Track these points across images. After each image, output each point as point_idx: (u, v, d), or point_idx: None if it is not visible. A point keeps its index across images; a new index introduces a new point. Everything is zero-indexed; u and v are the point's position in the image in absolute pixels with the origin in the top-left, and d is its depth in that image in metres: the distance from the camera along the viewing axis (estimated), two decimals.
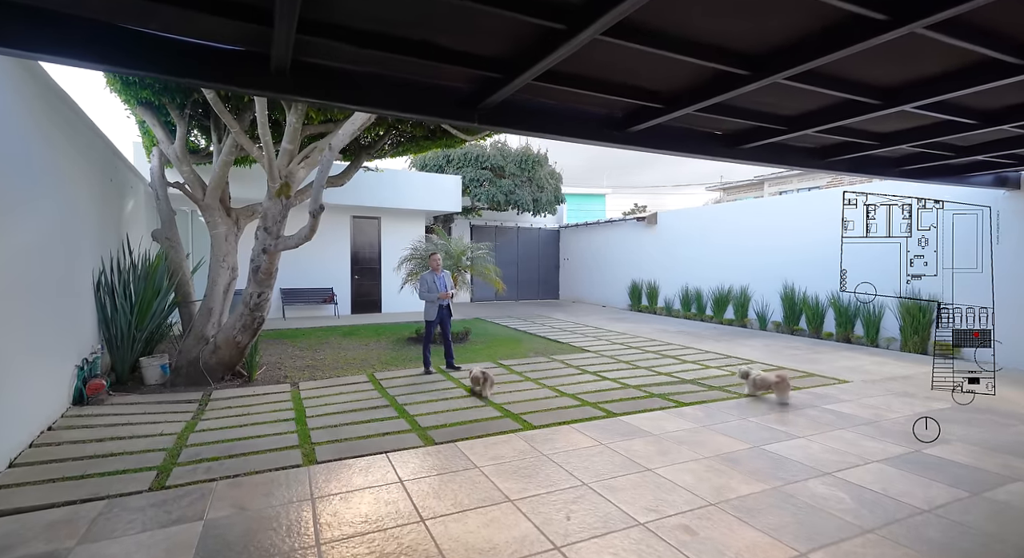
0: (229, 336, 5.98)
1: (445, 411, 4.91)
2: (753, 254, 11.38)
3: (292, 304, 12.15)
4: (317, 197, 4.37)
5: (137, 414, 4.78)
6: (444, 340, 6.96)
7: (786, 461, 3.57)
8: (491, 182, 14.31)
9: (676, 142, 4.63)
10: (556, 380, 6.21)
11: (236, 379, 6.30)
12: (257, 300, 5.85)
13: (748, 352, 8.22)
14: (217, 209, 6.74)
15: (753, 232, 11.48)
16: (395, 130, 8.65)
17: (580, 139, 4.23)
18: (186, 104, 6.12)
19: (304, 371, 6.75)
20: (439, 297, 6.58)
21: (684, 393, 5.61)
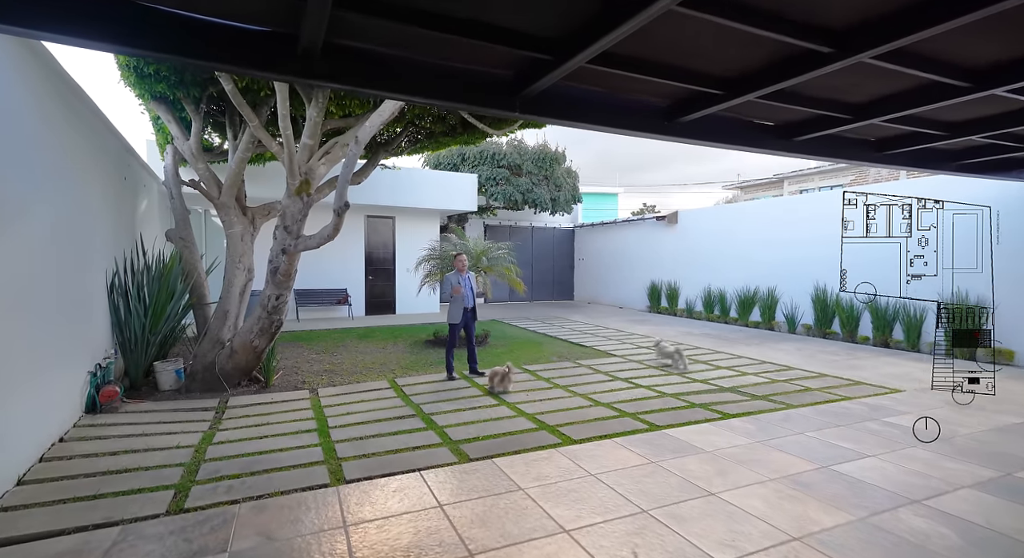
0: (246, 340, 5.72)
1: (475, 422, 4.61)
2: (781, 254, 10.97)
3: (306, 305, 11.93)
4: (342, 193, 4.09)
5: (152, 423, 4.53)
6: (468, 344, 6.66)
7: (864, 486, 3.22)
8: (507, 181, 13.99)
9: (726, 134, 4.30)
10: (587, 387, 5.89)
11: (253, 384, 6.05)
12: (275, 303, 5.59)
13: (782, 356, 7.84)
14: (233, 208, 6.50)
15: (781, 231, 11.06)
16: (413, 126, 8.37)
17: (626, 130, 3.91)
18: (202, 98, 5.87)
19: (322, 376, 6.49)
20: (453, 291, 6.30)
21: (727, 403, 5.26)
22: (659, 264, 14.47)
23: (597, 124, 3.78)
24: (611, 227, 16.86)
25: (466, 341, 6.69)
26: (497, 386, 5.58)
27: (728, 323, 11.90)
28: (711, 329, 10.99)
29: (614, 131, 3.88)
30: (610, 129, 3.85)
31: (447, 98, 3.28)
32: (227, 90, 4.71)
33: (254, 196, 8.42)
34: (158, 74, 5.02)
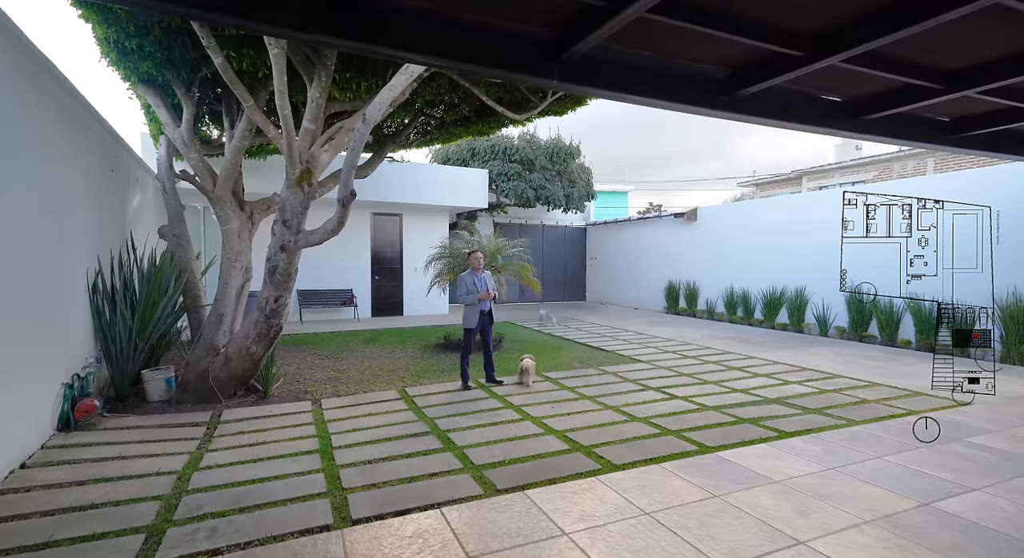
0: (242, 346, 5.20)
1: (498, 441, 4.06)
2: (811, 252, 10.33)
3: (310, 306, 11.42)
4: (348, 181, 3.55)
5: (133, 443, 4.00)
6: (484, 350, 6.11)
7: (986, 532, 2.63)
8: (519, 176, 13.38)
9: (788, 110, 3.72)
10: (617, 398, 5.32)
11: (250, 395, 5.52)
12: (274, 305, 5.06)
13: (822, 362, 7.24)
14: (229, 202, 5.98)
15: (811, 228, 10.43)
16: (423, 116, 7.84)
17: (677, 104, 3.34)
18: (193, 81, 5.36)
19: (326, 384, 5.96)
20: (479, 297, 5.75)
21: (777, 417, 4.68)
22: (677, 263, 13.86)
23: (645, 96, 3.21)
24: (625, 225, 16.26)
25: (482, 347, 6.13)
26: (524, 380, 5.84)
27: (753, 325, 11.29)
28: (736, 332, 10.38)
29: (664, 104, 3.31)
30: (659, 103, 3.28)
31: (474, 60, 2.72)
32: (217, 64, 4.18)
33: (255, 192, 7.90)
34: (141, 50, 4.50)
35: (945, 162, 15.22)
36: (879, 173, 17.18)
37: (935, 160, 15.54)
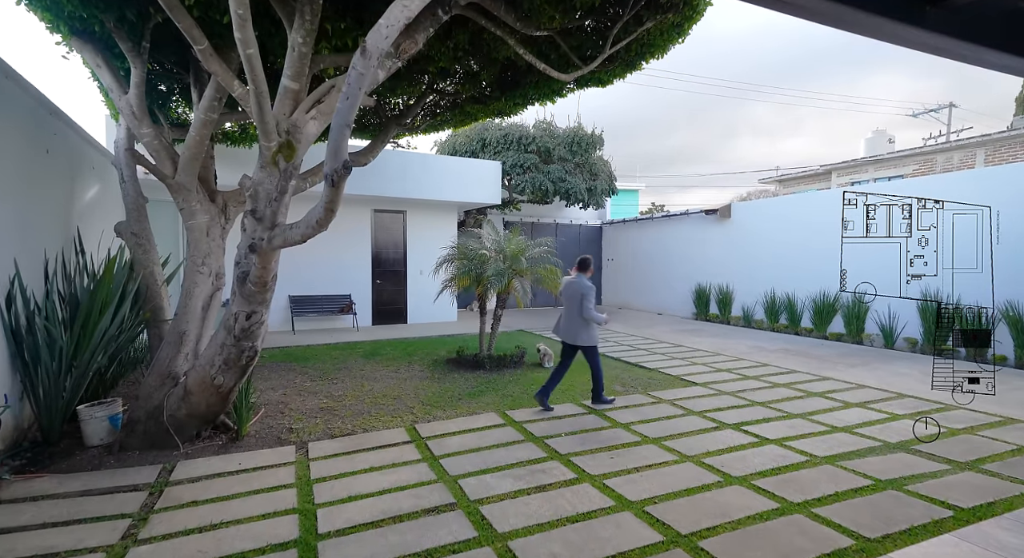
0: (205, 376, 3.98)
1: (554, 524, 2.84)
2: (867, 251, 9.09)
3: (303, 314, 10.20)
4: (339, 148, 2.34)
5: (31, 529, 2.79)
6: (558, 372, 5.18)
7: None
8: (536, 167, 12.11)
9: (998, 31, 2.50)
10: (692, 443, 4.11)
11: (218, 434, 4.32)
12: (245, 324, 3.84)
13: (913, 385, 6.03)
14: (195, 191, 4.77)
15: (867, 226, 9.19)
16: (433, 92, 6.63)
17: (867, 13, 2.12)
18: (143, 31, 4.15)
19: (316, 418, 4.76)
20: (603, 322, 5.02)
21: (925, 477, 3.46)
22: (706, 265, 12.63)
23: (820, 12, 2.00)
24: (646, 224, 15.02)
25: (558, 370, 5.16)
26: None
27: (800, 335, 10.05)
28: (785, 342, 9.16)
29: (845, 22, 2.09)
30: (841, 21, 2.06)
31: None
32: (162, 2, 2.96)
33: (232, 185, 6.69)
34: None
35: (998, 154, 13.92)
36: (919, 167, 15.91)
37: (986, 152, 14.24)
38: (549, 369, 6.86)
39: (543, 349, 7.14)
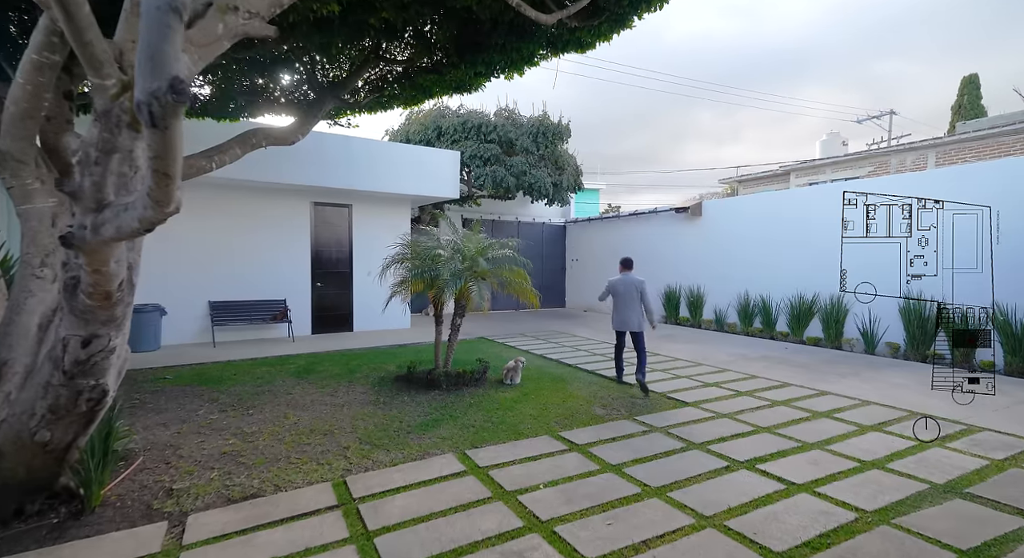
0: (21, 430, 2.71)
1: None
2: (852, 253, 8.67)
3: (226, 324, 8.71)
4: (159, 48, 1.27)
5: None
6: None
7: None
8: (498, 159, 11.06)
9: None
10: (700, 493, 3.22)
11: (58, 506, 3.04)
12: (81, 353, 2.60)
13: (914, 398, 5.49)
14: (32, 163, 3.43)
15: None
16: (380, 60, 5.49)
17: None
18: None
19: (213, 471, 3.55)
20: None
21: (1008, 540, 2.71)
22: (676, 266, 12.05)
23: None
24: (612, 222, 14.35)
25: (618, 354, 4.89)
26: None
27: (776, 339, 9.56)
28: (764, 349, 8.59)
29: None
30: None
31: None
32: None
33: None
34: None
35: (947, 156, 14.25)
36: (875, 168, 16.11)
37: (936, 154, 14.55)
38: (515, 387, 5.87)
39: (513, 364, 6.13)
